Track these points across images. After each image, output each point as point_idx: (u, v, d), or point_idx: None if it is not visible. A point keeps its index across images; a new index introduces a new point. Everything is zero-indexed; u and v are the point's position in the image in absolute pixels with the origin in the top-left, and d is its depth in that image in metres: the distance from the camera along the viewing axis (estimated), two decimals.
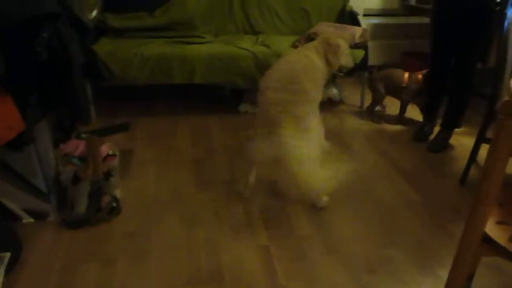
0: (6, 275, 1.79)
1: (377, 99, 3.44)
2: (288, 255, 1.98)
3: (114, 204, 2.21)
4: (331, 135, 3.15)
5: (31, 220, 2.17)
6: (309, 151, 2.03)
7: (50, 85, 1.83)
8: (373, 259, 1.97)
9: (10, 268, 1.83)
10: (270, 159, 2.01)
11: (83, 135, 2.31)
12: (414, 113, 3.48)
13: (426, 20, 3.37)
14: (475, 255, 1.42)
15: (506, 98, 2.31)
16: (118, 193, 2.33)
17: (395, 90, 3.32)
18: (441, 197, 2.43)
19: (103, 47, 3.16)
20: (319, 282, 1.83)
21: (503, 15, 2.18)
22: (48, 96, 1.85)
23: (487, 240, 1.34)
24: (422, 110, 3.20)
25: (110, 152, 2.30)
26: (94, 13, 3.14)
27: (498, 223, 1.39)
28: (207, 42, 3.41)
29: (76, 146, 2.20)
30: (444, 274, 1.87)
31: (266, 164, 2.12)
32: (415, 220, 2.24)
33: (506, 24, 2.17)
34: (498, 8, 2.48)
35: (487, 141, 2.48)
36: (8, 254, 1.83)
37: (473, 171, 2.57)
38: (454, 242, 2.06)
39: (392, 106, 3.56)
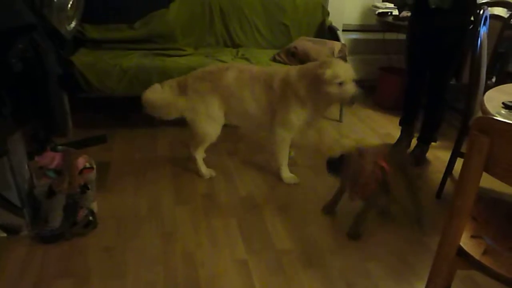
0: None
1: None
2: (266, 269, 1.97)
3: (91, 218, 2.16)
4: (309, 148, 3.17)
5: (4, 234, 2.11)
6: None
7: (25, 96, 1.79)
8: (352, 272, 1.97)
9: None
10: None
11: (59, 147, 2.27)
12: (392, 127, 3.54)
13: (402, 36, 3.45)
14: (451, 268, 1.44)
15: (479, 114, 2.37)
16: (94, 206, 2.28)
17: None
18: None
19: (82, 58, 3.12)
20: None
21: (476, 34, 2.25)
22: (23, 107, 1.81)
23: (462, 253, 1.36)
24: (400, 124, 3.25)
25: (87, 165, 2.25)
26: (73, 24, 3.10)
27: (472, 237, 1.42)
28: (187, 55, 3.41)
29: (52, 159, 2.15)
30: (420, 286, 1.89)
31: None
32: (393, 233, 2.26)
33: (479, 42, 2.24)
34: (471, 26, 2.56)
35: (462, 155, 2.53)
36: None
37: (448, 185, 2.62)
38: (430, 255, 2.09)
39: None
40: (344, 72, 2.38)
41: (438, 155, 3.12)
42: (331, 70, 2.36)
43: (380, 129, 3.57)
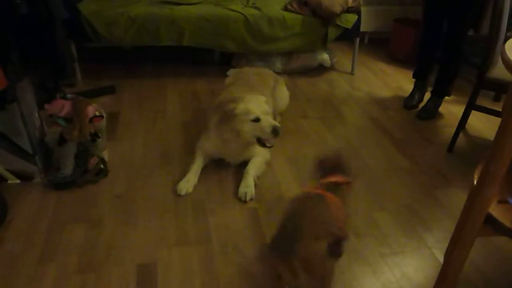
0: None
1: None
2: (276, 218, 1.98)
3: (102, 166, 2.18)
4: (320, 101, 3.13)
5: (17, 181, 2.14)
6: None
7: (31, 41, 1.76)
8: (360, 223, 1.99)
9: None
10: None
11: (68, 96, 2.25)
12: (405, 81, 3.47)
13: None
14: (476, 236, 1.30)
15: (497, 66, 2.30)
16: (105, 155, 2.29)
17: None
18: (428, 164, 2.45)
19: (88, 5, 3.04)
20: None
21: None
22: (30, 52, 1.78)
23: (490, 220, 1.25)
24: (413, 77, 3.18)
25: (97, 113, 2.25)
26: None
27: (499, 202, 1.30)
28: (196, 3, 3.31)
29: (62, 107, 2.14)
30: (428, 237, 1.90)
31: None
32: (402, 185, 2.26)
33: None
34: None
35: (476, 108, 2.48)
36: None
37: (460, 139, 2.59)
38: (440, 208, 2.09)
39: None
40: (257, 107, 2.14)
41: (451, 109, 3.07)
42: (242, 106, 2.13)
43: (392, 82, 3.50)
